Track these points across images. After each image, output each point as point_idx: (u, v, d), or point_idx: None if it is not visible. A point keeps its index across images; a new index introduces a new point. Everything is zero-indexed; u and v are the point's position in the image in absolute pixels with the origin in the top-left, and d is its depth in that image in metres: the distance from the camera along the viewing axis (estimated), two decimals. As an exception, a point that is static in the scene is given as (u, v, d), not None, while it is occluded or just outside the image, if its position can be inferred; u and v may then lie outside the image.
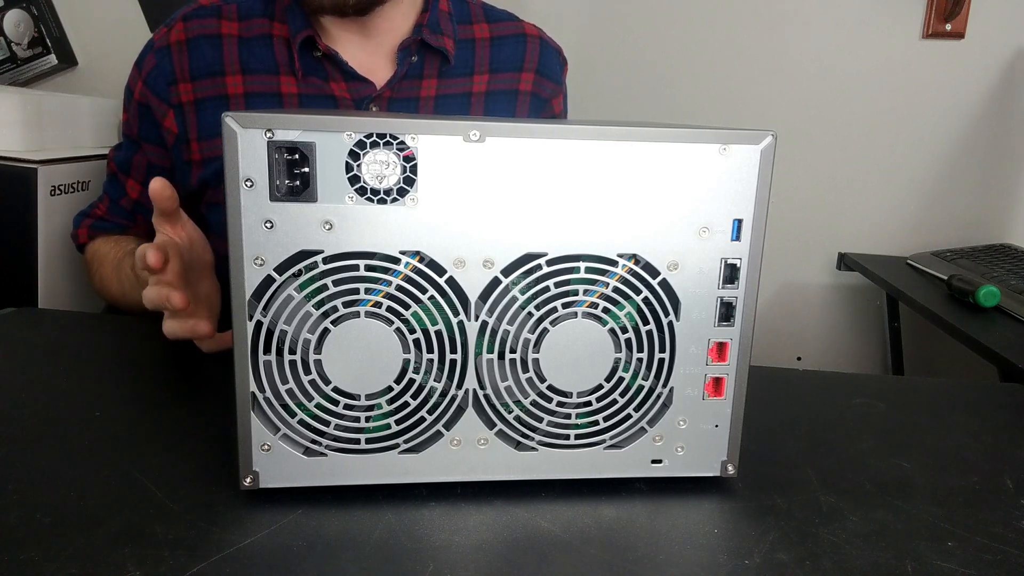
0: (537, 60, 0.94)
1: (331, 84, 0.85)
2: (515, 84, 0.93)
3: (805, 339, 1.64)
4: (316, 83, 0.85)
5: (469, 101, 0.90)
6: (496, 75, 0.92)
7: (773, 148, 0.44)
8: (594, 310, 0.45)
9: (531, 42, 0.94)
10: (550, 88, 0.96)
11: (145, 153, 0.89)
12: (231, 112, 0.40)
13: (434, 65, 0.88)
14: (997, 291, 1.06)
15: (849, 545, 0.43)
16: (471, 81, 0.90)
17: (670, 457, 0.48)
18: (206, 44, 0.84)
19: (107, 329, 0.74)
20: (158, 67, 0.85)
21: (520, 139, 0.42)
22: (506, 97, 0.92)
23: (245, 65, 0.84)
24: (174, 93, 0.84)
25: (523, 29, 0.95)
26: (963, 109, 1.51)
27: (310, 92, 0.85)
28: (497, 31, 0.93)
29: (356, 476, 0.45)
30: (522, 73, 0.93)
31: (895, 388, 0.70)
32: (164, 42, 0.85)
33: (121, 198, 0.91)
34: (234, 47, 0.85)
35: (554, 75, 0.96)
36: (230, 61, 0.84)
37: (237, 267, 0.41)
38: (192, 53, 0.84)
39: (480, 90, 0.91)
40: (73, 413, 0.54)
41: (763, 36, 1.51)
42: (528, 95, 0.94)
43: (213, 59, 0.84)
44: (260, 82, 0.84)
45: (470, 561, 0.40)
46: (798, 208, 1.57)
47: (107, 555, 0.38)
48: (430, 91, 0.88)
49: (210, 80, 0.84)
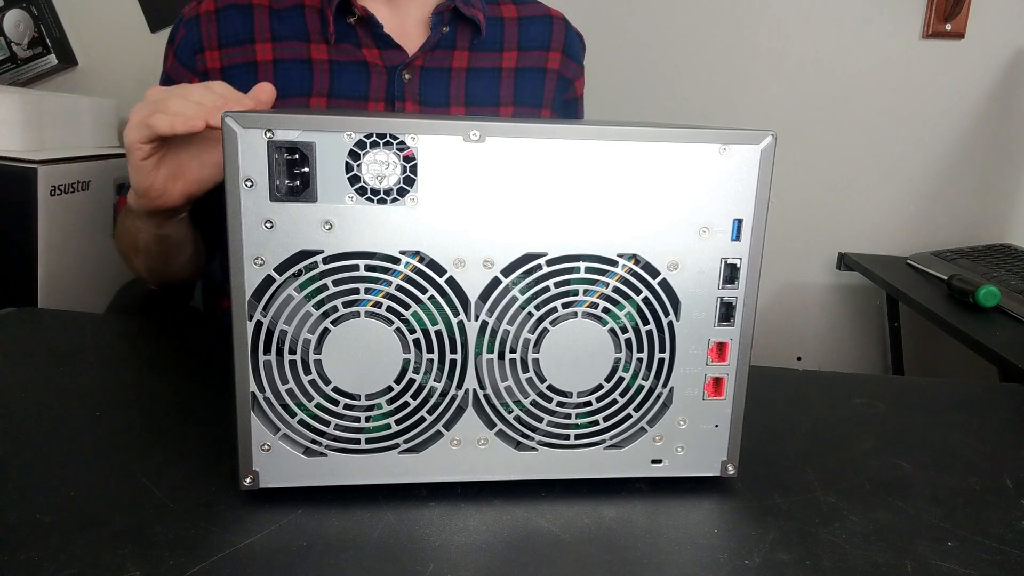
0: (563, 41, 0.97)
1: (363, 50, 0.85)
2: (543, 62, 0.95)
3: (805, 339, 1.64)
4: (348, 49, 0.85)
5: (500, 76, 0.92)
6: (525, 52, 0.94)
7: (773, 148, 0.44)
8: (594, 310, 0.45)
9: (557, 24, 0.97)
10: (574, 69, 0.98)
11: None
12: (231, 112, 0.40)
13: (466, 36, 0.90)
14: (997, 291, 1.06)
15: (849, 545, 0.43)
16: (501, 57, 0.92)
17: (670, 457, 0.48)
18: (236, 13, 0.85)
19: (107, 329, 0.74)
20: (187, 37, 0.86)
21: (520, 139, 0.42)
22: (535, 75, 0.94)
23: (275, 33, 0.85)
24: (200, 61, 0.85)
25: (549, 11, 0.98)
26: (963, 109, 1.51)
27: (341, 58, 0.85)
28: (524, 11, 0.96)
29: (356, 476, 0.45)
30: (549, 52, 0.95)
31: (895, 388, 0.70)
32: (194, 13, 0.86)
33: None
34: (265, 16, 0.85)
35: (577, 57, 0.99)
36: (260, 29, 0.85)
37: (237, 267, 0.41)
38: (221, 22, 0.85)
39: (510, 66, 0.92)
40: (73, 413, 0.54)
41: (763, 36, 1.51)
42: (555, 74, 0.96)
43: (242, 27, 0.85)
44: (290, 48, 0.84)
45: (470, 561, 0.40)
46: (798, 208, 1.57)
47: (107, 555, 0.38)
48: (462, 62, 0.90)
49: (239, 48, 0.84)
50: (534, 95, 0.94)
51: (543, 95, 0.95)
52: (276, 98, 0.63)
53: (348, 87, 0.86)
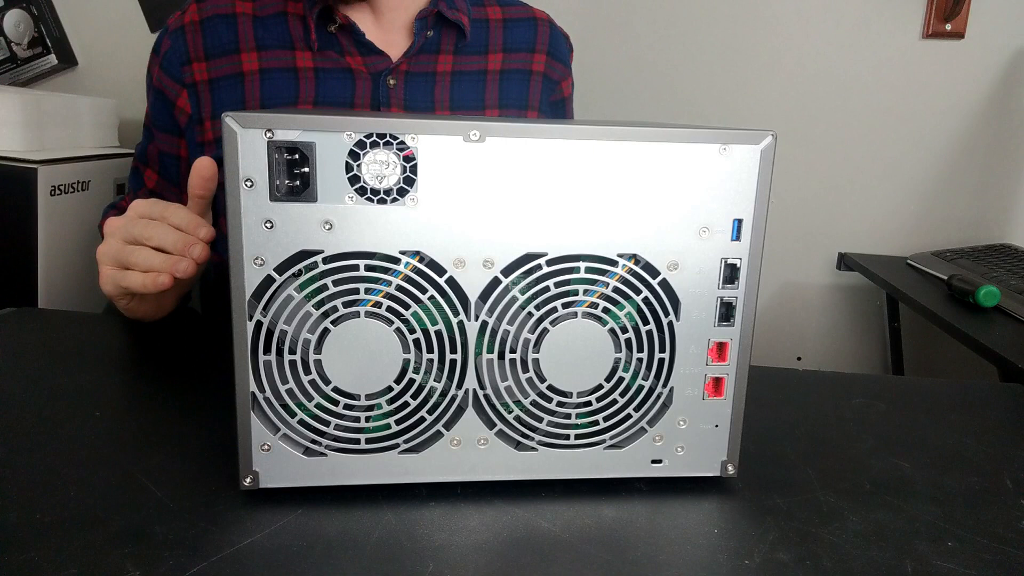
0: (548, 42, 0.96)
1: (347, 58, 0.85)
2: (528, 64, 0.95)
3: (805, 339, 1.64)
4: (332, 56, 0.85)
5: (484, 79, 0.92)
6: (510, 55, 0.93)
7: (773, 148, 0.44)
8: (594, 310, 0.45)
9: (541, 26, 0.97)
10: (560, 70, 0.98)
11: (158, 142, 0.89)
12: (231, 112, 0.40)
13: (450, 40, 0.89)
14: (997, 291, 1.06)
15: (849, 545, 0.43)
16: (486, 59, 0.92)
17: (670, 457, 0.48)
18: (221, 23, 0.85)
19: (107, 329, 0.74)
20: (172, 48, 0.85)
21: (520, 139, 0.42)
22: (520, 77, 0.94)
23: (260, 42, 0.85)
24: (187, 73, 0.84)
25: (533, 13, 0.98)
26: (963, 109, 1.51)
27: (326, 66, 0.85)
28: (509, 14, 0.96)
29: (356, 476, 0.45)
30: (534, 54, 0.95)
31: (895, 388, 0.70)
32: (178, 24, 0.86)
33: (139, 189, 0.91)
34: (248, 25, 0.85)
35: (563, 58, 0.99)
36: (245, 39, 0.84)
37: (237, 267, 0.41)
38: (206, 33, 0.84)
39: (495, 68, 0.92)
40: (73, 413, 0.54)
41: (763, 36, 1.51)
42: (540, 76, 0.96)
43: (228, 38, 0.84)
44: (275, 58, 0.84)
45: (470, 561, 0.40)
46: (798, 208, 1.57)
47: (107, 555, 0.38)
48: (446, 66, 0.89)
49: (225, 59, 0.84)
50: (519, 98, 0.94)
51: (528, 98, 0.94)
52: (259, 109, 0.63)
53: (334, 94, 0.85)
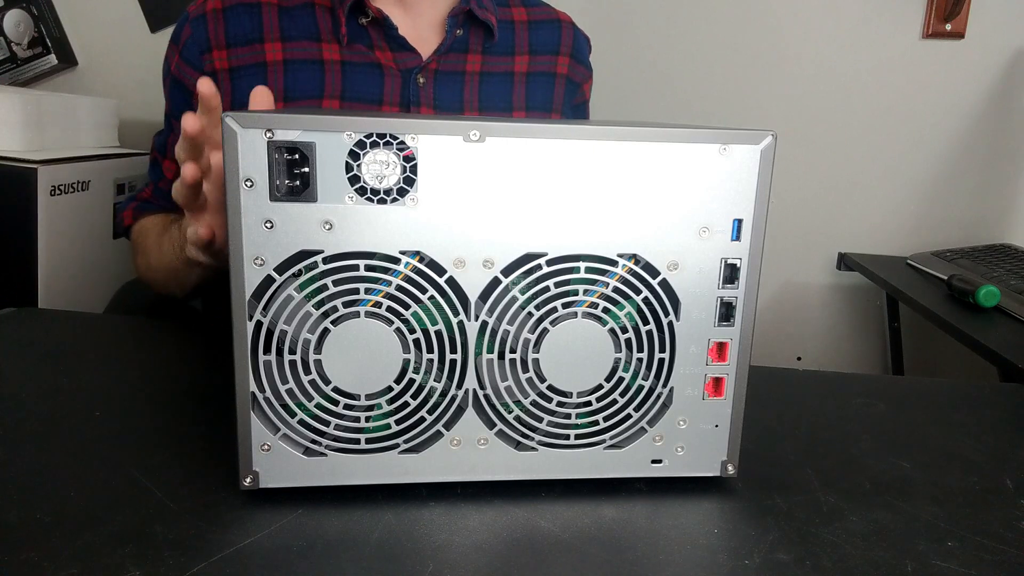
0: (571, 45, 0.97)
1: (376, 52, 0.84)
2: (553, 67, 0.95)
3: (805, 339, 1.64)
4: (361, 50, 0.84)
5: (512, 81, 0.91)
6: (535, 57, 0.93)
7: (773, 148, 0.44)
8: (594, 310, 0.45)
9: (565, 28, 0.97)
10: (582, 73, 0.98)
11: (176, 133, 0.89)
12: (230, 112, 0.40)
13: (479, 40, 0.89)
14: (997, 291, 1.06)
15: (849, 545, 0.43)
16: (513, 61, 0.92)
17: (670, 457, 0.48)
18: (244, 12, 0.83)
19: (107, 329, 0.74)
20: (193, 36, 0.84)
21: (520, 139, 0.42)
22: (545, 79, 0.94)
23: (285, 32, 0.83)
24: (207, 61, 0.83)
25: (557, 15, 0.98)
26: (963, 109, 1.51)
27: (355, 60, 0.84)
28: (534, 15, 0.96)
29: (356, 476, 0.45)
30: (559, 57, 0.95)
31: (895, 388, 0.70)
32: (200, 11, 0.84)
33: (160, 180, 0.91)
34: (274, 14, 0.83)
35: (585, 60, 0.99)
36: (269, 28, 0.83)
37: (237, 267, 0.41)
38: (229, 21, 0.83)
39: (522, 70, 0.92)
40: (73, 413, 0.54)
41: (763, 36, 1.51)
42: (564, 79, 0.96)
43: (251, 27, 0.83)
44: (301, 49, 0.83)
45: (470, 561, 0.40)
46: (798, 208, 1.57)
47: (107, 555, 0.38)
48: (475, 66, 0.89)
49: (247, 48, 0.83)
50: (545, 100, 0.94)
51: (553, 100, 0.95)
52: (282, 100, 0.61)
53: (362, 90, 0.84)
